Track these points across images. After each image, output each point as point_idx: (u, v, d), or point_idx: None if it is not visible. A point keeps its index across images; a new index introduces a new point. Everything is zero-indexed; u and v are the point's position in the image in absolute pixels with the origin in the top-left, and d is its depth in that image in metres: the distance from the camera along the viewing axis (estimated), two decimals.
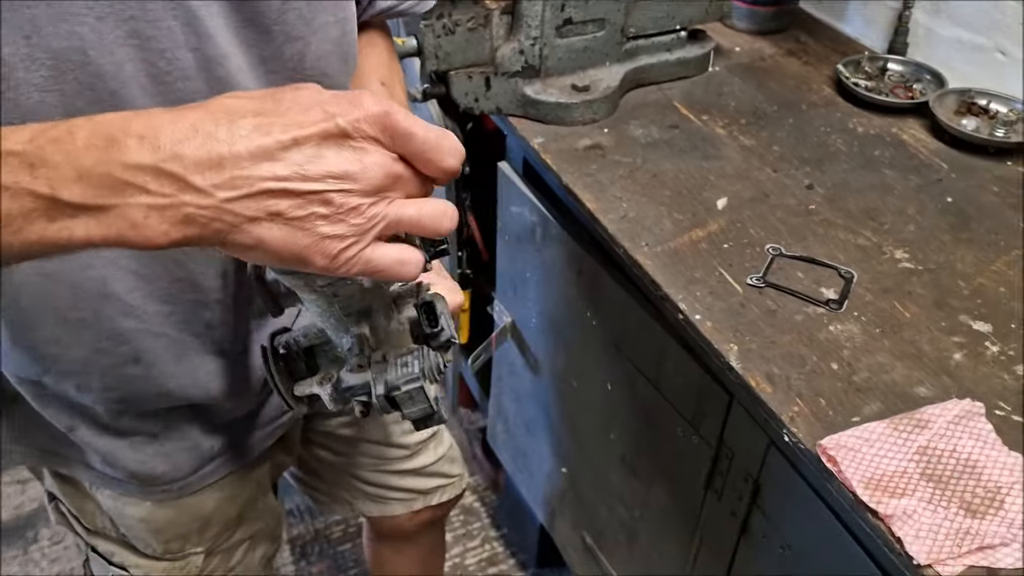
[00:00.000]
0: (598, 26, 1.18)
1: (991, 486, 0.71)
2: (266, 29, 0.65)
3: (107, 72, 0.59)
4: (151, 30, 0.59)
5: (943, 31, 1.30)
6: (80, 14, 0.56)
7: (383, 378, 0.59)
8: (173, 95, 0.62)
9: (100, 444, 0.79)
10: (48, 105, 0.58)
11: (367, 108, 0.45)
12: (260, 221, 0.44)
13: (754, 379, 0.81)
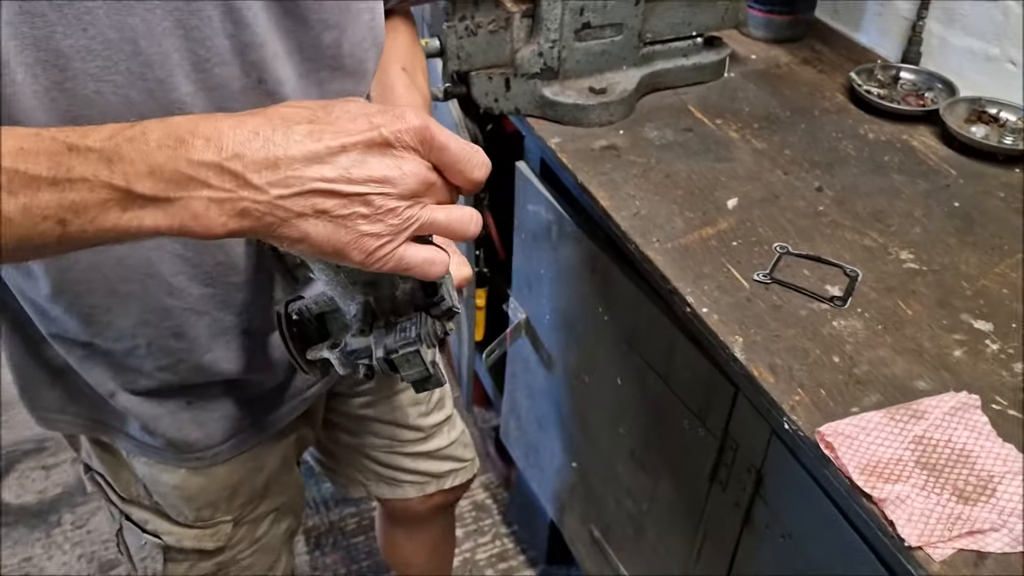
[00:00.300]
0: (616, 30, 1.22)
1: (984, 475, 0.73)
2: (303, 18, 0.69)
3: (155, 61, 0.63)
4: (193, 19, 0.63)
5: (956, 41, 1.32)
6: (132, 6, 0.60)
7: (383, 342, 0.62)
8: (212, 80, 0.67)
9: (140, 410, 0.83)
10: (103, 95, 0.62)
11: (409, 121, 0.50)
12: (307, 217, 0.49)
13: (757, 369, 0.84)
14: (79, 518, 1.88)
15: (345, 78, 0.76)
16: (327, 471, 1.24)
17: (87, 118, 0.63)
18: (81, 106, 0.62)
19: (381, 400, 1.11)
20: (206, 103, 0.68)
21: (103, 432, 0.89)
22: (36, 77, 0.60)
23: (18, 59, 0.59)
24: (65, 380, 0.85)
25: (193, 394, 0.85)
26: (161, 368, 0.81)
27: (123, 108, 0.64)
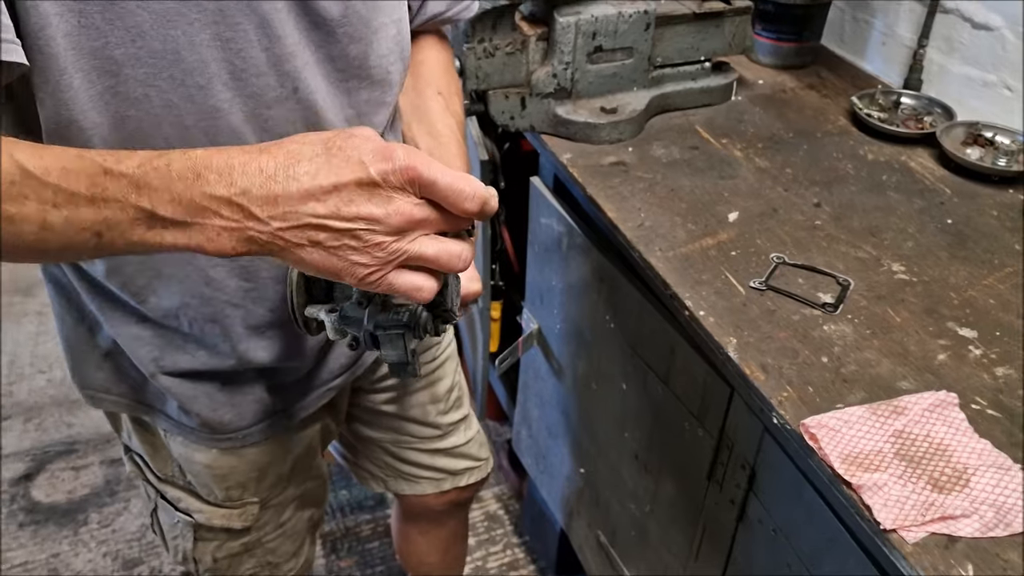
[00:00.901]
0: (626, 54, 1.28)
1: (959, 467, 0.78)
2: (331, 31, 0.77)
3: (196, 69, 0.71)
4: (230, 32, 0.71)
5: (955, 69, 1.38)
6: (175, 20, 0.68)
7: (375, 318, 0.68)
8: (248, 88, 0.74)
9: (178, 390, 0.90)
10: (150, 97, 0.70)
11: (396, 162, 0.54)
12: (304, 246, 0.56)
13: (749, 368, 0.89)
14: (105, 518, 1.94)
15: (373, 87, 0.83)
16: (349, 464, 1.30)
17: (135, 118, 0.71)
18: (129, 106, 0.70)
19: (402, 397, 1.17)
20: (243, 110, 0.75)
21: (144, 412, 0.96)
22: (92, 82, 0.68)
23: (76, 66, 0.67)
24: (112, 362, 0.93)
25: (228, 377, 0.92)
26: (199, 350, 0.87)
27: (165, 111, 0.71)
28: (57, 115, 0.68)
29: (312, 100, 0.78)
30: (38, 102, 0.68)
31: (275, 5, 0.72)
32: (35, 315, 2.50)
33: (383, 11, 0.81)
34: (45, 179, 0.55)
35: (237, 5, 0.70)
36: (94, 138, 0.71)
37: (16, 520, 1.93)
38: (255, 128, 0.76)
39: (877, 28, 1.51)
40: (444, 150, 0.95)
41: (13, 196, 0.54)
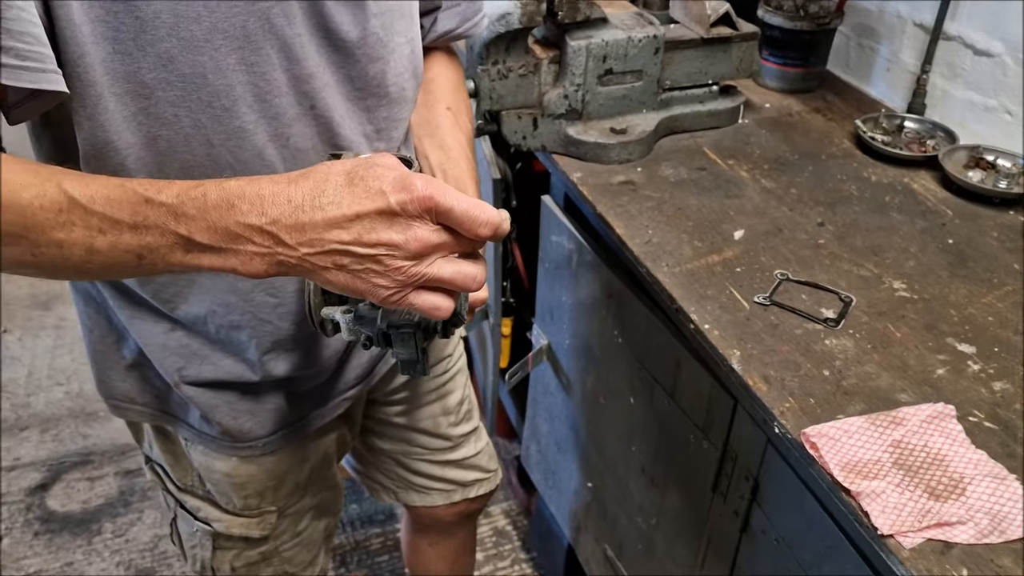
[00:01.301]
0: (636, 77, 1.32)
1: (956, 476, 0.80)
2: (350, 53, 0.81)
3: (222, 92, 0.75)
4: (254, 56, 0.75)
5: (958, 93, 1.41)
6: (202, 46, 0.72)
7: (388, 317, 0.71)
8: (271, 110, 0.78)
9: (200, 399, 0.93)
10: (180, 118, 0.74)
11: (414, 192, 0.58)
12: (330, 269, 0.60)
13: (752, 379, 0.92)
14: (119, 528, 1.97)
15: (390, 105, 0.87)
16: (360, 476, 1.32)
17: (165, 137, 0.75)
18: (160, 127, 0.74)
19: (413, 409, 1.20)
20: (266, 130, 0.79)
21: (167, 421, 0.99)
22: (125, 105, 0.72)
23: (110, 90, 0.71)
24: (137, 372, 0.96)
25: (249, 387, 0.95)
26: (222, 360, 0.91)
27: (194, 131, 0.76)
28: (93, 136, 0.73)
29: (328, 117, 0.82)
30: (76, 125, 0.72)
31: (296, 30, 0.76)
32: (53, 328, 2.55)
33: (398, 31, 0.85)
34: (91, 207, 0.60)
35: (261, 31, 0.74)
36: (128, 158, 0.75)
37: (32, 529, 1.96)
38: (277, 146, 0.80)
39: (882, 54, 1.55)
40: (454, 164, 0.98)
41: (62, 223, 0.60)
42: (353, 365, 1.02)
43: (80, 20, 0.67)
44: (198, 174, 0.78)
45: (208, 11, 0.71)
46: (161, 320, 0.88)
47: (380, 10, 0.81)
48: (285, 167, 0.81)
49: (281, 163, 0.81)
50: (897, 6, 1.49)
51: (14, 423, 2.23)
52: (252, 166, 0.79)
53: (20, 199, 0.59)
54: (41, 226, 0.60)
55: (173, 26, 0.70)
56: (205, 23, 0.71)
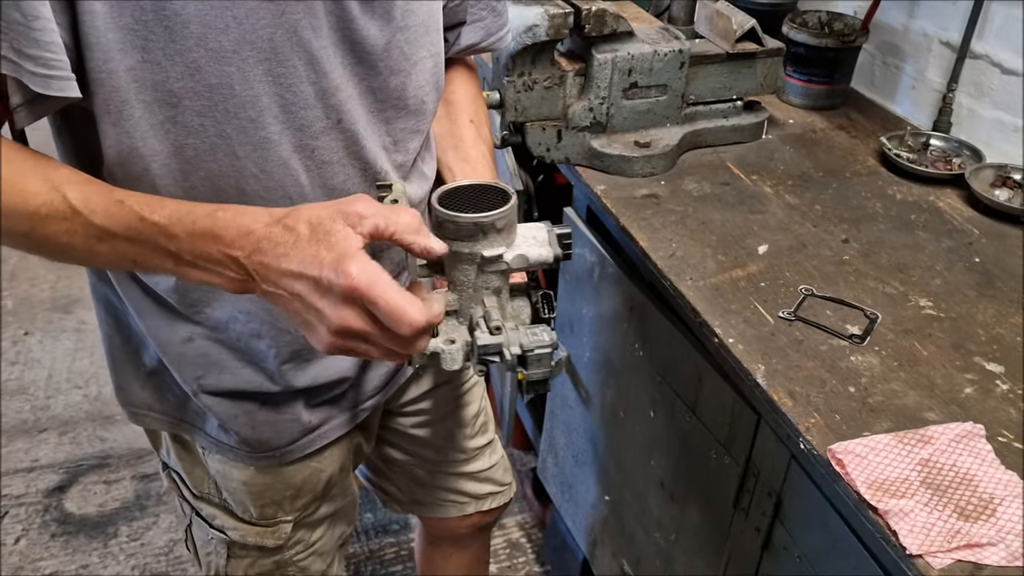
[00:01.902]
0: (661, 91, 1.33)
1: (986, 496, 0.79)
2: (373, 65, 0.81)
3: (248, 103, 0.75)
4: (281, 68, 0.75)
5: (985, 113, 1.40)
6: (230, 57, 0.73)
7: (518, 341, 0.72)
8: (297, 121, 0.78)
9: (219, 409, 0.93)
10: (205, 127, 0.75)
11: (343, 279, 0.64)
12: (286, 307, 0.70)
13: (777, 394, 0.91)
14: (134, 531, 1.98)
15: (408, 116, 0.87)
16: (373, 486, 1.32)
17: (192, 146, 0.76)
18: (187, 135, 0.75)
19: (430, 421, 1.20)
20: (291, 141, 0.79)
21: (184, 430, 0.99)
22: (152, 113, 0.73)
23: (138, 97, 0.72)
24: (156, 380, 0.96)
25: (268, 397, 0.95)
26: (241, 369, 0.91)
27: (220, 140, 0.76)
28: (119, 143, 0.74)
29: (354, 130, 0.83)
30: (100, 132, 0.73)
31: (323, 43, 0.76)
32: (73, 332, 2.57)
33: (423, 45, 0.85)
34: (92, 219, 0.69)
35: (288, 43, 0.74)
36: (154, 164, 0.75)
37: (48, 531, 1.97)
38: (302, 158, 0.81)
39: (907, 72, 1.54)
40: (478, 177, 0.99)
41: (65, 230, 0.69)
42: (371, 376, 1.02)
43: (106, 27, 0.68)
44: (223, 184, 0.78)
45: (236, 22, 0.71)
46: (180, 328, 0.89)
47: (406, 23, 0.82)
48: (309, 178, 0.82)
49: (305, 174, 0.81)
50: (923, 24, 1.49)
51: (33, 425, 2.25)
52: (276, 176, 0.80)
53: (28, 206, 0.67)
54: (46, 230, 0.69)
55: (201, 36, 0.70)
56: (233, 34, 0.71)
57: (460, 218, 0.73)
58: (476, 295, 0.77)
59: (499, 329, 0.73)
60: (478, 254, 0.74)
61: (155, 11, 0.68)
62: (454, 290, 0.77)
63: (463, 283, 0.76)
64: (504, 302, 0.78)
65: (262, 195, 0.80)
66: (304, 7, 0.74)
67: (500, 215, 0.74)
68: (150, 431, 1.04)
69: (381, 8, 0.79)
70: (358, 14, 0.77)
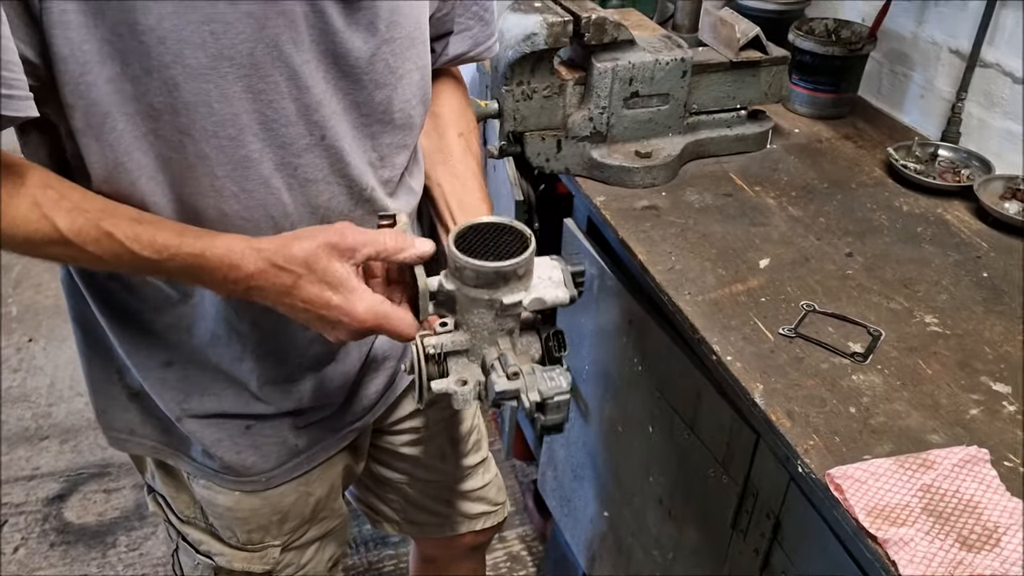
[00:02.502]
0: (662, 100, 1.30)
1: (990, 525, 0.76)
2: (357, 79, 0.79)
3: (227, 120, 0.73)
4: (261, 84, 0.73)
5: (995, 122, 1.37)
6: (208, 74, 0.70)
7: (536, 387, 0.71)
8: (278, 139, 0.76)
9: (203, 434, 0.91)
10: (184, 145, 0.73)
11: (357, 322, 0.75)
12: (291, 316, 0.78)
13: (775, 414, 0.88)
14: (133, 542, 1.97)
15: (395, 131, 0.85)
16: (363, 506, 1.29)
17: (176, 160, 0.74)
18: (170, 150, 0.73)
19: (421, 439, 1.17)
20: (273, 159, 0.77)
21: (168, 456, 0.97)
22: (136, 125, 0.71)
23: (120, 109, 0.70)
24: (138, 405, 0.94)
25: (252, 420, 0.93)
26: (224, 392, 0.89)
27: (198, 160, 0.74)
28: (104, 158, 0.72)
29: (339, 147, 0.80)
30: (83, 148, 0.72)
31: (305, 57, 0.74)
32: None
33: (409, 58, 0.83)
34: (84, 248, 0.71)
35: (268, 58, 0.72)
36: (141, 178, 0.74)
37: (47, 540, 1.96)
38: (285, 176, 0.79)
39: (916, 81, 1.51)
40: (468, 193, 0.97)
41: (63, 253, 0.72)
42: (361, 396, 1.00)
43: (81, 39, 0.66)
44: (204, 203, 0.77)
45: (214, 38, 0.69)
46: (159, 353, 0.87)
47: (392, 35, 0.80)
48: (292, 196, 0.80)
49: (288, 192, 0.79)
50: (932, 32, 1.46)
51: (35, 432, 2.24)
52: (257, 195, 0.78)
53: (19, 232, 0.69)
54: (46, 252, 0.71)
55: (178, 52, 0.68)
56: (211, 49, 0.69)
57: (481, 267, 0.71)
58: (490, 337, 0.75)
59: (517, 375, 0.72)
60: (498, 301, 0.73)
61: (128, 25, 0.66)
62: (467, 331, 0.76)
63: (478, 326, 0.75)
64: (516, 340, 0.77)
65: (243, 215, 0.78)
66: (285, 21, 0.72)
67: (521, 263, 0.73)
68: (134, 456, 1.03)
69: (365, 20, 0.77)
70: (341, 26, 0.75)
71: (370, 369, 0.99)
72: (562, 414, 0.72)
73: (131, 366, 0.89)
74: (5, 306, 2.67)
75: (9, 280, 2.76)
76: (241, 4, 0.69)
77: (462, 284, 0.73)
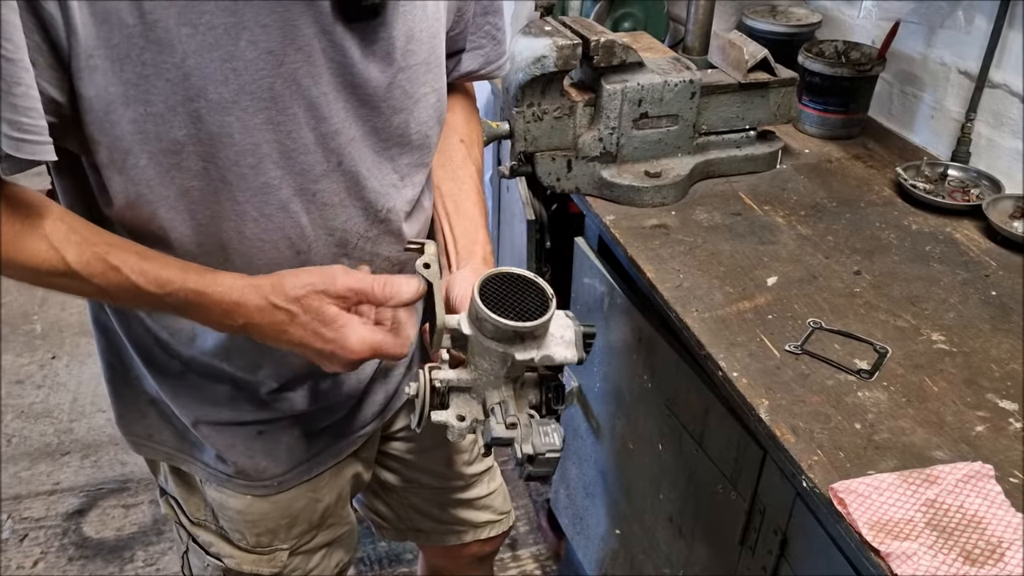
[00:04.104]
0: (671, 121, 1.32)
1: (994, 540, 0.76)
2: (375, 106, 0.82)
3: (248, 150, 0.76)
4: (280, 116, 0.76)
5: (1004, 142, 1.38)
6: (230, 107, 0.73)
7: (530, 440, 0.74)
8: (297, 166, 0.79)
9: (217, 439, 0.94)
10: (208, 172, 0.76)
11: (352, 356, 0.79)
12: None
13: (780, 429, 0.89)
14: (151, 557, 1.99)
15: (413, 152, 0.88)
16: (369, 513, 1.30)
17: (197, 188, 0.77)
18: (191, 179, 0.76)
19: (427, 447, 1.19)
20: (292, 185, 0.80)
21: (182, 461, 1.00)
22: (159, 163, 0.74)
23: (142, 148, 0.73)
24: (155, 411, 0.97)
25: (265, 426, 0.95)
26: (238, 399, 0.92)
27: (222, 185, 0.77)
28: (126, 190, 0.76)
29: (355, 172, 0.83)
30: (106, 179, 0.75)
31: (323, 89, 0.77)
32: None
33: (425, 82, 0.86)
34: (91, 280, 0.74)
35: (287, 91, 0.75)
36: (161, 208, 0.77)
37: (66, 554, 1.99)
38: (304, 201, 0.82)
39: (926, 102, 1.52)
40: (465, 197, 1.00)
41: (68, 285, 0.75)
42: (369, 402, 1.02)
43: (107, 82, 0.69)
44: (225, 226, 0.80)
45: (236, 74, 0.72)
46: (174, 362, 0.90)
47: (407, 63, 0.82)
48: (310, 220, 0.83)
49: (306, 216, 0.82)
50: (941, 53, 1.47)
51: (56, 448, 2.28)
52: (276, 219, 0.81)
53: (28, 262, 0.73)
54: (51, 283, 0.75)
55: (201, 88, 0.71)
56: (233, 85, 0.72)
57: (502, 324, 0.74)
58: (495, 382, 0.78)
59: (514, 425, 0.75)
60: (511, 356, 0.75)
61: (155, 65, 0.69)
62: (474, 371, 0.79)
63: (486, 371, 0.78)
64: (518, 388, 0.80)
65: (262, 237, 0.81)
66: (303, 56, 0.75)
67: (540, 326, 0.75)
68: (148, 459, 1.05)
69: (382, 51, 0.80)
70: (358, 59, 0.78)
71: (379, 376, 1.02)
72: (550, 468, 0.75)
73: (148, 374, 0.92)
74: (30, 323, 2.72)
75: (35, 298, 2.81)
76: (261, 42, 0.72)
77: (479, 333, 0.76)
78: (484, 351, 0.76)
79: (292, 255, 0.83)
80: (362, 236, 0.87)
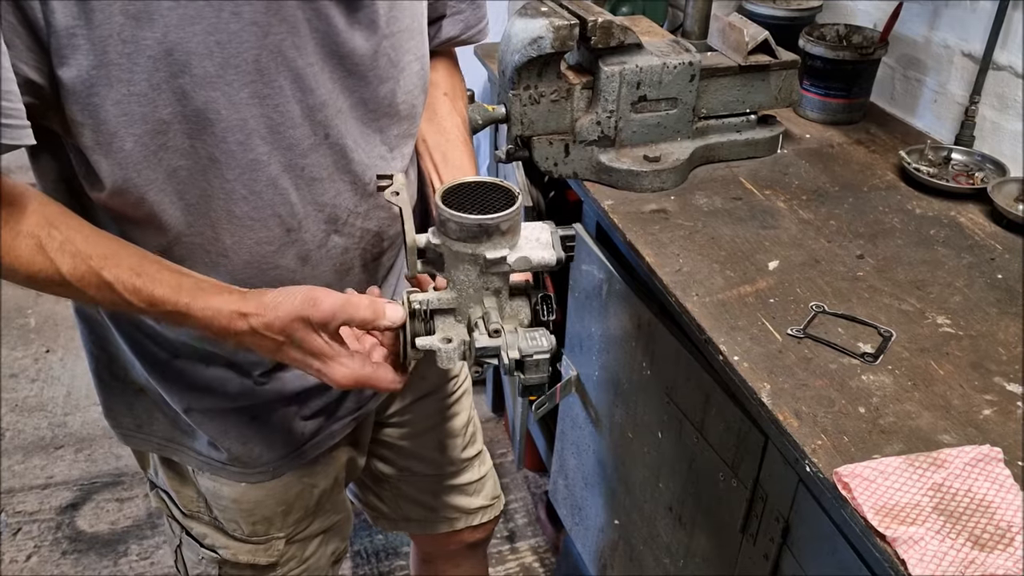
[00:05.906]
0: (671, 104, 1.30)
1: (1003, 525, 0.74)
2: (362, 76, 0.80)
3: (235, 126, 0.74)
4: (266, 89, 0.75)
5: (1008, 125, 1.35)
6: (215, 82, 0.72)
7: (516, 345, 0.71)
8: (285, 141, 0.78)
9: (209, 426, 0.92)
10: (196, 149, 0.74)
11: (337, 382, 0.77)
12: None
13: (782, 414, 0.87)
14: (145, 550, 1.97)
15: (400, 122, 0.87)
16: (363, 504, 1.29)
17: (185, 168, 0.75)
18: (179, 158, 0.74)
19: (419, 431, 1.17)
20: (280, 160, 0.78)
21: (172, 451, 0.98)
22: (145, 145, 0.72)
23: (127, 131, 0.71)
24: (145, 400, 0.95)
25: (258, 410, 0.94)
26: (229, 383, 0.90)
27: (210, 163, 0.75)
28: (113, 174, 0.74)
29: (342, 144, 0.82)
30: (93, 163, 0.73)
31: (308, 60, 0.76)
32: None
33: (409, 50, 0.84)
34: (86, 291, 0.74)
35: (273, 63, 0.73)
36: (150, 191, 0.75)
37: (60, 548, 1.97)
38: (292, 177, 0.80)
39: (928, 85, 1.50)
40: (452, 147, 0.99)
41: (63, 292, 0.75)
42: None
43: (89, 63, 0.67)
44: (215, 204, 0.78)
45: (220, 47, 0.70)
46: (164, 347, 0.88)
47: (391, 30, 0.81)
48: (299, 195, 0.81)
49: (295, 192, 0.80)
50: (944, 36, 1.45)
51: (50, 441, 2.26)
52: (266, 196, 0.79)
53: (23, 270, 0.72)
54: (47, 289, 0.75)
55: (185, 63, 0.69)
56: (217, 59, 0.70)
57: (464, 219, 0.72)
58: (476, 295, 0.76)
59: (498, 332, 0.73)
60: (481, 256, 0.73)
61: (136, 42, 0.67)
62: (453, 288, 0.77)
63: (463, 282, 0.76)
64: (504, 302, 0.78)
65: (252, 216, 0.79)
66: (288, 27, 0.73)
67: (505, 217, 0.73)
68: (137, 451, 1.03)
69: (366, 18, 0.78)
70: (343, 27, 0.76)
71: None
72: (542, 374, 0.73)
73: (137, 362, 0.90)
74: (24, 317, 2.70)
75: (30, 292, 2.79)
76: (245, 14, 0.70)
77: (447, 238, 0.74)
78: (456, 259, 0.75)
79: (282, 233, 0.81)
80: (352, 211, 0.86)
